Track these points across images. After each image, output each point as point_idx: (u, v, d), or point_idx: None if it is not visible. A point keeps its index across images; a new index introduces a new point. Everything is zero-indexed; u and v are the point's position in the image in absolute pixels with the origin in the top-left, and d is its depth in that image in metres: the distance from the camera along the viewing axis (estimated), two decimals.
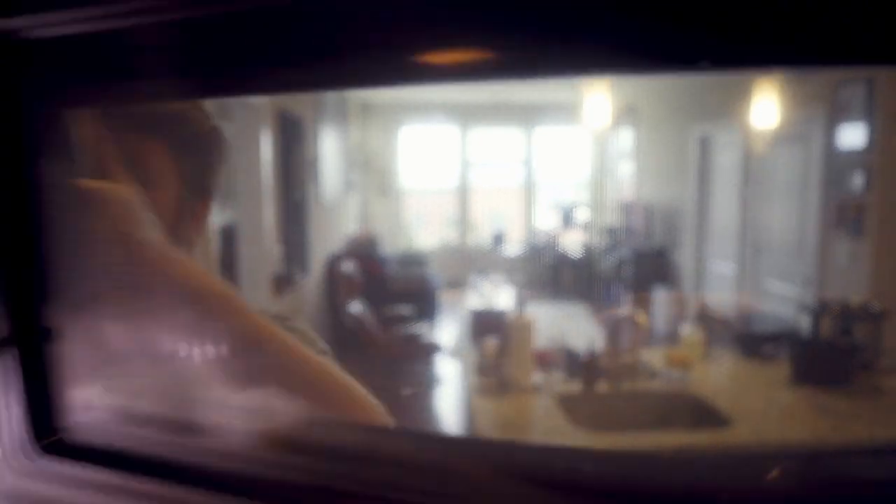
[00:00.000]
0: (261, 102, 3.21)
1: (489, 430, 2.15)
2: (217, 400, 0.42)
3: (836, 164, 0.38)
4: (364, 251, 6.07)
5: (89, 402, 0.42)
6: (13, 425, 0.42)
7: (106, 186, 0.42)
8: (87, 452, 0.40)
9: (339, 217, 5.94)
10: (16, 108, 0.39)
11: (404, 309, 5.34)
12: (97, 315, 0.42)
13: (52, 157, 0.42)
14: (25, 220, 0.42)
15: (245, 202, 3.31)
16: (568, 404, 1.49)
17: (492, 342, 1.62)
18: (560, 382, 1.55)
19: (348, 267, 5.12)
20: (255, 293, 3.31)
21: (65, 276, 0.43)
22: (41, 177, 0.41)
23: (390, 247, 7.04)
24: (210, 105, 0.61)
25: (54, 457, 0.41)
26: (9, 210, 0.41)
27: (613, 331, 1.27)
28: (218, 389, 0.42)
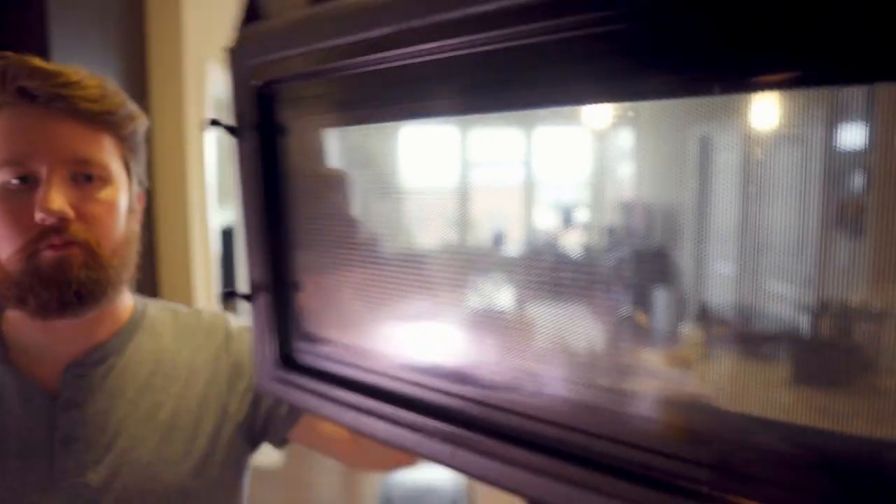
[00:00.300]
0: None
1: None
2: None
3: (836, 164, 0.38)
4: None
5: (315, 335, 0.58)
6: (270, 345, 0.59)
7: (336, 173, 0.58)
8: (311, 370, 0.57)
9: None
10: (273, 121, 0.55)
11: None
12: (324, 274, 0.57)
13: (299, 155, 0.56)
14: (279, 202, 0.57)
15: None
16: None
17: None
18: None
19: None
20: None
21: (304, 244, 0.57)
22: (289, 168, 0.56)
23: (390, 246, 7.00)
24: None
25: (289, 370, 0.58)
26: (268, 193, 0.57)
27: (613, 331, 1.27)
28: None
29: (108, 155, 0.72)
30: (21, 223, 0.66)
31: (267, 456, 3.58)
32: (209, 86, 2.41)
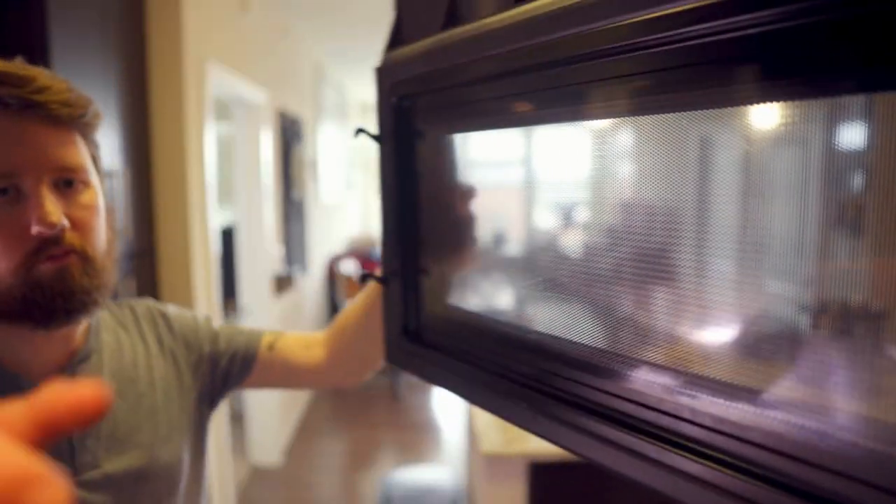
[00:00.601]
0: (261, 102, 3.21)
1: (488, 427, 2.14)
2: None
3: (836, 164, 0.38)
4: (363, 251, 6.06)
5: (432, 310, 0.67)
6: (398, 321, 0.69)
7: (463, 178, 0.64)
8: (430, 343, 0.66)
9: (339, 217, 5.92)
10: (409, 130, 0.65)
11: None
12: (447, 265, 0.66)
13: (431, 159, 0.65)
14: (412, 199, 0.67)
15: (245, 202, 3.31)
16: None
17: None
18: None
19: (348, 267, 5.12)
20: (256, 293, 3.31)
21: (433, 238, 0.66)
22: (422, 171, 0.66)
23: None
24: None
25: (411, 342, 0.68)
26: (403, 192, 0.67)
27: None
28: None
29: (83, 157, 0.71)
30: (13, 237, 0.65)
31: (267, 456, 3.55)
32: (209, 86, 2.41)
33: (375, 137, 0.68)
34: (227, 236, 3.76)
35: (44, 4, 1.46)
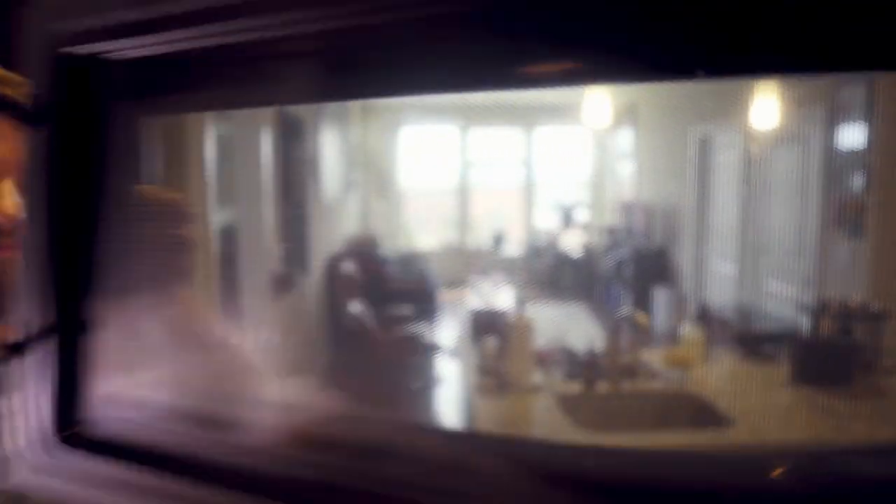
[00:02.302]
0: None
1: (489, 429, 2.15)
2: (241, 394, 0.44)
3: (836, 164, 0.38)
4: (364, 251, 6.07)
5: (113, 395, 0.40)
6: (37, 417, 0.39)
7: (171, 194, 0.47)
8: (104, 446, 0.39)
9: (339, 217, 5.93)
10: (94, 118, 0.40)
11: (404, 309, 5.34)
12: (135, 307, 0.42)
13: (120, 164, 0.43)
14: (80, 220, 0.41)
15: (245, 202, 3.31)
16: (568, 404, 1.50)
17: (492, 342, 1.63)
18: (560, 382, 1.56)
19: (348, 267, 5.12)
20: (256, 293, 3.30)
21: (110, 272, 0.41)
22: (106, 181, 0.42)
23: (390, 247, 7.04)
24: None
25: (72, 449, 0.39)
26: (68, 211, 0.41)
27: (613, 331, 1.28)
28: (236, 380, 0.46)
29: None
30: None
31: None
32: None
33: (20, 113, 0.43)
34: (228, 236, 3.74)
35: None
